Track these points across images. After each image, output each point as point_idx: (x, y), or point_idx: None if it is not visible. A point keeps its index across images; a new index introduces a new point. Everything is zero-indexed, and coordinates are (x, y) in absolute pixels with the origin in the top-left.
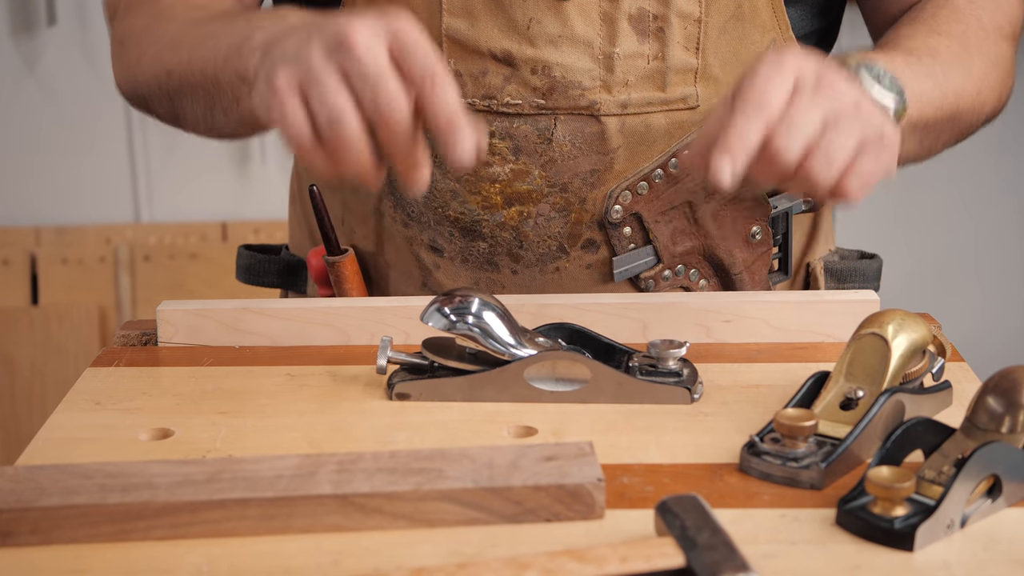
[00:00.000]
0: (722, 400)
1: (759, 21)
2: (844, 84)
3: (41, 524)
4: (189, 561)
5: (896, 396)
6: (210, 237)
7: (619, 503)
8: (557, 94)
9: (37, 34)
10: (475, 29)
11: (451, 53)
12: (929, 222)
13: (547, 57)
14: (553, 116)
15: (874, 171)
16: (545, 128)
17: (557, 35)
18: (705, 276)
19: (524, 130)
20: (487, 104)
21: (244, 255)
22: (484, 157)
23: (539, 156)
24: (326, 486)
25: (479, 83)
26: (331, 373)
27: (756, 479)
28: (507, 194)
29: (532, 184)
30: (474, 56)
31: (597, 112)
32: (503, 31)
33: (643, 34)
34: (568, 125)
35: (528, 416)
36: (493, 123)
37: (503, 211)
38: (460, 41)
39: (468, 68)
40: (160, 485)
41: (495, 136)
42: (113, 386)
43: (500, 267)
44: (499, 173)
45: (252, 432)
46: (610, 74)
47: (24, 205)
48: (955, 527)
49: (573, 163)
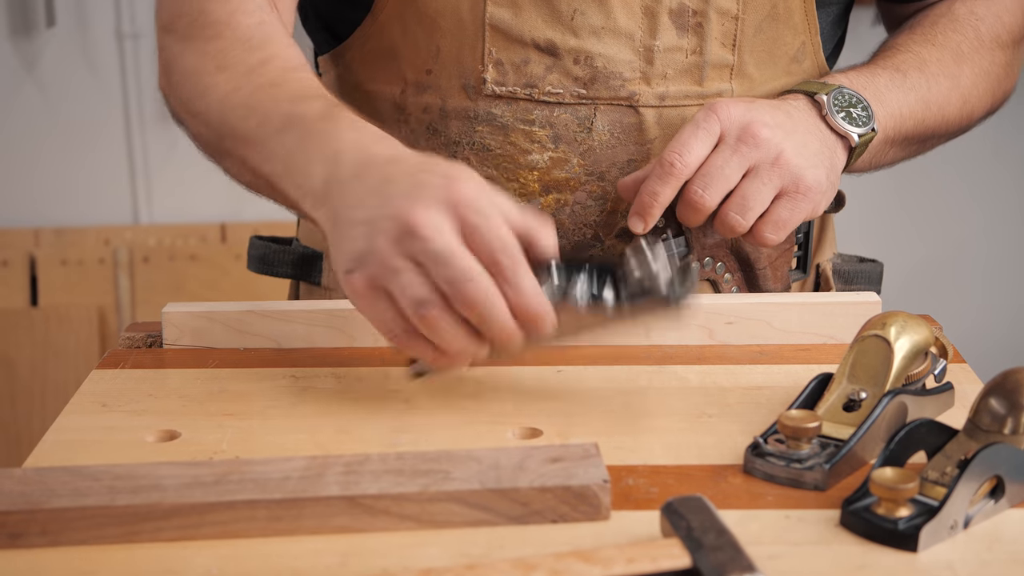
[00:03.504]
0: (726, 402)
1: (792, 23)
2: (767, 134)
3: (50, 526)
4: (198, 562)
5: (899, 398)
6: (209, 238)
7: (624, 504)
8: (598, 84)
9: (36, 35)
10: (519, 19)
11: (493, 42)
12: (931, 224)
13: (590, 48)
14: (593, 106)
15: (788, 219)
16: (585, 117)
17: (600, 26)
18: (731, 270)
19: (564, 119)
20: (528, 92)
21: (257, 245)
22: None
23: (578, 145)
24: (334, 488)
25: (521, 72)
26: (336, 375)
27: (760, 480)
28: (545, 181)
29: (570, 172)
30: (516, 45)
31: (636, 103)
32: (547, 21)
33: (682, 28)
34: (607, 115)
35: (533, 418)
36: (533, 111)
37: (540, 198)
38: (503, 30)
39: (510, 57)
40: (168, 487)
41: (535, 124)
42: (119, 388)
43: None
44: (538, 161)
45: (259, 434)
46: (650, 66)
47: (23, 207)
48: (958, 528)
49: (611, 153)
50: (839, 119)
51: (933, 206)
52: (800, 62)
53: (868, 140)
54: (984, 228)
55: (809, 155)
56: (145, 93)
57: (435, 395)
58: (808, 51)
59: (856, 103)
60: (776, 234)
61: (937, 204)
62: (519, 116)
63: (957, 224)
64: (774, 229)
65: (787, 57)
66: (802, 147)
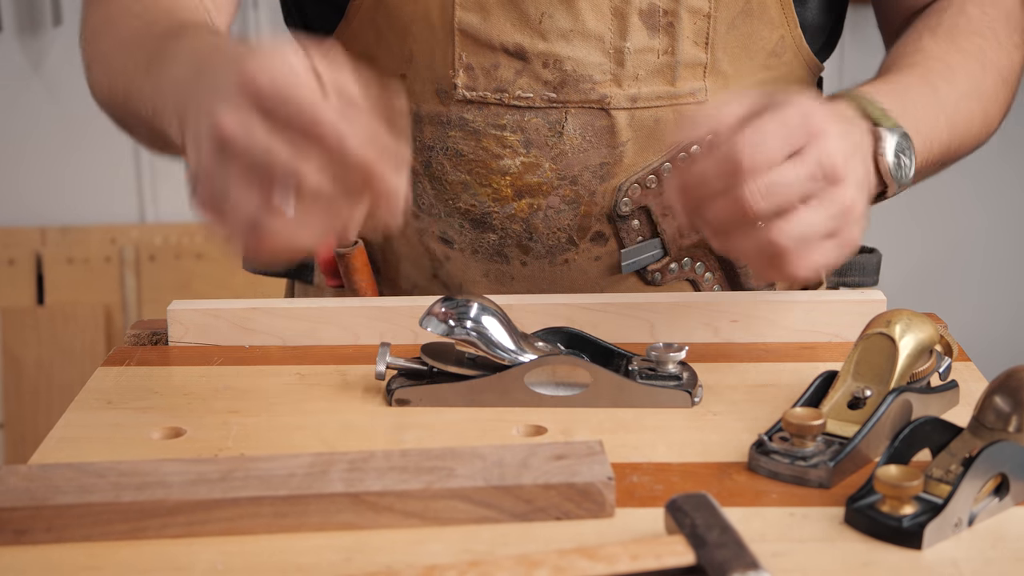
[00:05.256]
0: (730, 399)
1: (767, 17)
2: (853, 183)
3: (55, 522)
4: (203, 559)
5: (903, 395)
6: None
7: (629, 501)
8: (568, 88)
9: (43, 34)
10: (487, 23)
11: (463, 47)
12: (936, 221)
13: (558, 51)
14: (564, 109)
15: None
16: (556, 121)
17: (568, 29)
18: (711, 269)
19: (535, 123)
20: (498, 97)
21: None
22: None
23: (550, 149)
24: (338, 484)
25: (491, 76)
26: (341, 372)
27: (764, 478)
28: (517, 186)
29: (542, 177)
30: (486, 50)
31: (607, 106)
32: (515, 25)
33: (653, 29)
34: (579, 119)
35: (537, 415)
36: (504, 116)
37: (513, 203)
38: (472, 35)
39: (480, 62)
40: (174, 483)
41: (506, 129)
42: (124, 385)
43: (510, 259)
44: (510, 166)
45: (264, 431)
46: (620, 68)
47: (29, 205)
48: (963, 525)
49: (583, 156)
50: (891, 166)
51: (937, 202)
52: (780, 55)
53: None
54: (989, 224)
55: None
56: None
57: None
58: (788, 44)
59: (907, 150)
60: (809, 272)
61: (941, 200)
62: (490, 121)
63: (962, 220)
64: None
65: (764, 52)
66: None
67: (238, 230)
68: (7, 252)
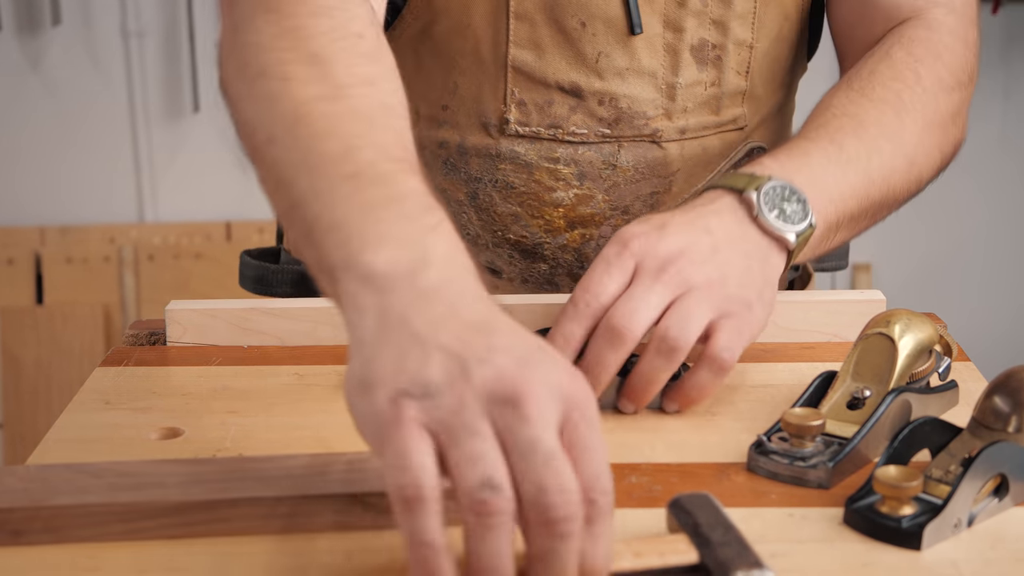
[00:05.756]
0: (729, 400)
1: (791, 41)
2: (696, 261)
3: (53, 523)
4: (201, 560)
5: (903, 396)
6: (214, 237)
7: (627, 502)
8: (622, 124)
9: (41, 33)
10: (542, 61)
11: (516, 83)
12: (935, 219)
13: (614, 89)
14: (617, 143)
15: (733, 343)
16: (609, 155)
17: (624, 68)
18: None
19: (589, 156)
20: (552, 133)
21: (252, 265)
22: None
23: (603, 181)
24: (337, 485)
25: (544, 112)
26: (339, 372)
27: (764, 478)
28: (570, 218)
29: (595, 208)
30: (540, 87)
31: (659, 139)
32: (571, 64)
33: (702, 63)
34: (631, 152)
35: None
36: (558, 150)
37: (566, 234)
38: (526, 72)
39: (533, 98)
40: (171, 484)
41: (560, 162)
42: (122, 386)
43: (560, 287)
44: (563, 198)
45: (262, 431)
46: (671, 102)
47: (28, 205)
48: (962, 526)
49: (635, 187)
50: (771, 219)
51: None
52: (794, 72)
53: (807, 237)
54: (989, 225)
55: (737, 276)
56: (150, 91)
57: None
58: (800, 58)
59: (790, 196)
60: (731, 357)
61: (941, 199)
62: (543, 155)
63: (961, 221)
64: (725, 350)
65: (784, 71)
66: (728, 267)
67: (425, 480)
68: (6, 252)
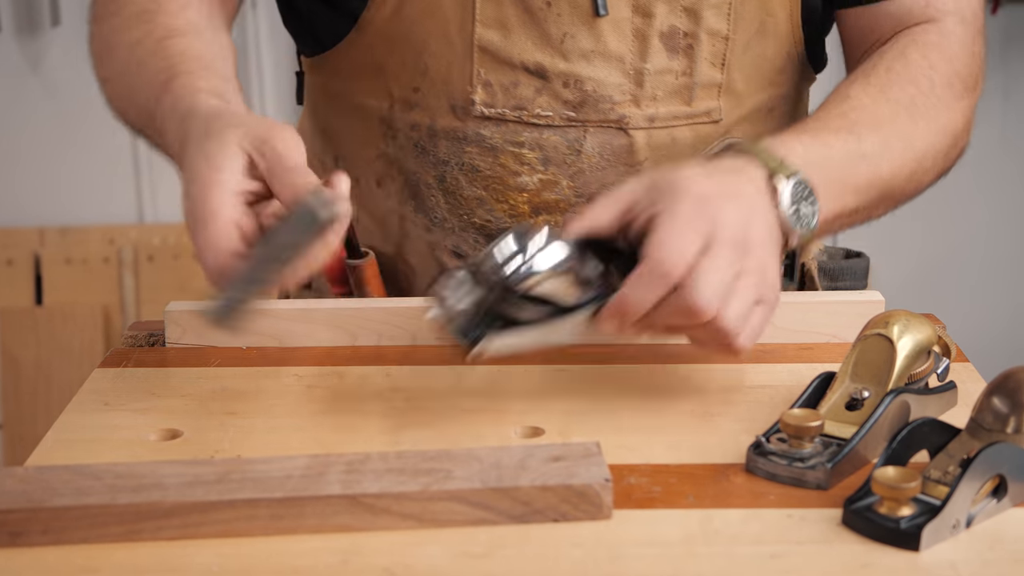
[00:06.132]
0: (728, 400)
1: (778, 35)
2: (756, 243)
3: (51, 524)
4: (199, 561)
5: (901, 396)
6: None
7: (626, 503)
8: (587, 107)
9: (41, 34)
10: (508, 41)
11: (482, 63)
12: (934, 222)
13: (579, 71)
14: (583, 128)
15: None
16: (575, 140)
17: (590, 50)
18: None
19: (554, 141)
20: (517, 115)
21: None
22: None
23: (568, 167)
24: (335, 486)
25: (510, 94)
26: (338, 374)
27: (762, 479)
28: (535, 203)
29: (560, 194)
30: (506, 67)
31: (626, 126)
32: (536, 44)
33: (673, 50)
34: (597, 137)
35: (535, 416)
36: (523, 133)
37: (530, 220)
38: (492, 52)
39: (499, 79)
40: (170, 485)
41: (524, 146)
42: (121, 387)
43: None
44: (527, 183)
45: (261, 432)
46: (639, 89)
47: (28, 206)
48: (961, 527)
49: (601, 174)
50: (789, 215)
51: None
52: (785, 72)
53: (806, 241)
54: (988, 224)
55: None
56: None
57: (437, 394)
58: (793, 60)
59: (808, 196)
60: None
61: (940, 199)
62: (508, 138)
63: (960, 222)
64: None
65: (773, 69)
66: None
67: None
68: (5, 253)
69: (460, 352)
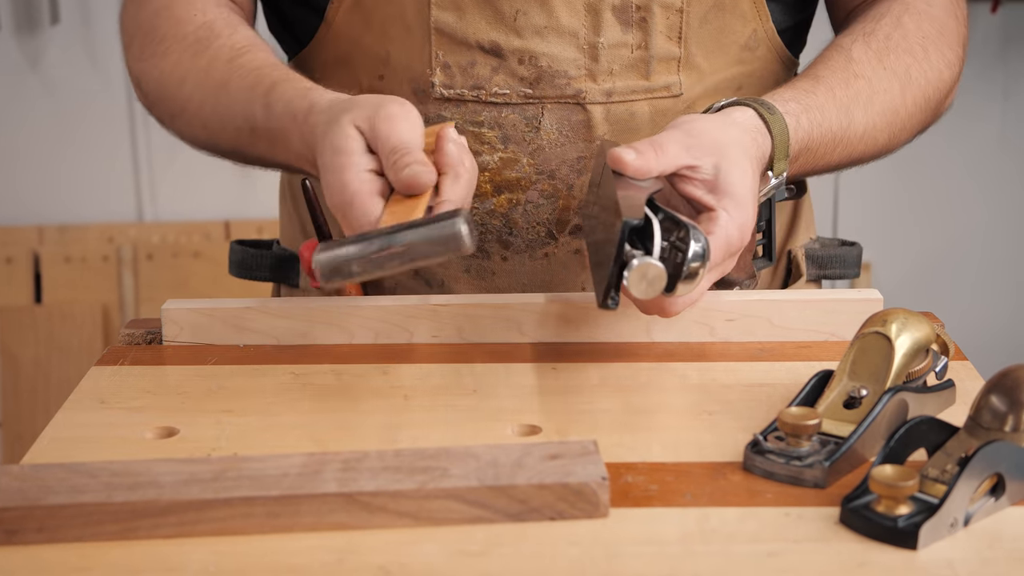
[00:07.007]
0: (726, 399)
1: (740, 11)
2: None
3: (47, 522)
4: (195, 559)
5: (899, 395)
6: (213, 236)
7: (623, 501)
8: (544, 83)
9: (40, 33)
10: (463, 21)
11: (439, 45)
12: (932, 217)
13: (534, 47)
14: (540, 105)
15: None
16: (533, 117)
17: (543, 26)
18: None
19: (512, 119)
20: (475, 94)
21: (237, 250)
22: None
23: (527, 144)
24: (331, 484)
25: (468, 74)
26: (335, 372)
27: (760, 477)
28: (496, 182)
29: (521, 172)
30: (462, 48)
31: (583, 101)
32: (490, 23)
33: (626, 24)
34: (555, 114)
35: (532, 415)
36: (482, 113)
37: (492, 199)
38: (448, 33)
39: (456, 59)
40: (166, 484)
41: (484, 125)
42: (118, 385)
43: (490, 254)
44: (488, 162)
45: (257, 431)
46: (595, 63)
47: (27, 204)
48: (958, 525)
49: (560, 151)
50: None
51: (935, 198)
52: (753, 50)
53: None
54: (987, 223)
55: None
56: None
57: (434, 392)
58: (762, 38)
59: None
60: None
61: (939, 196)
62: (468, 118)
63: (959, 220)
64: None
65: (737, 46)
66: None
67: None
68: (4, 251)
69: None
